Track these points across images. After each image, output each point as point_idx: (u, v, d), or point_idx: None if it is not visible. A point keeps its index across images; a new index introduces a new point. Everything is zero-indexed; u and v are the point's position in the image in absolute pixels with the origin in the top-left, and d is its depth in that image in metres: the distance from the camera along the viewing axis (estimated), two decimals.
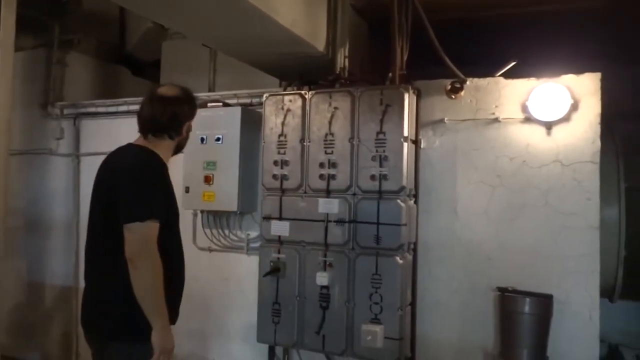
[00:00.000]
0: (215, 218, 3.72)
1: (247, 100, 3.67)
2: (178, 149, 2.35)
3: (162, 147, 2.24)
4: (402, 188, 2.89)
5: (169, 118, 2.22)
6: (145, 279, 2.00)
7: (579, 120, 2.90)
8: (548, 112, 2.91)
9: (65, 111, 4.44)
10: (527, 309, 2.80)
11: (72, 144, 4.41)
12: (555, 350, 2.83)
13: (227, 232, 3.72)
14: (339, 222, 2.99)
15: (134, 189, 2.07)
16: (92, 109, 4.32)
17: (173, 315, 2.22)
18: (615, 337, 4.22)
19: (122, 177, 2.10)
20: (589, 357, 2.86)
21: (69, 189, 4.41)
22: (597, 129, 2.87)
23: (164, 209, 2.10)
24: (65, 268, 4.39)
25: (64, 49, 4.60)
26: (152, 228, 2.02)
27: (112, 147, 2.31)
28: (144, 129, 2.24)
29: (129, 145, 2.28)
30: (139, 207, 2.03)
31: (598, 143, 2.87)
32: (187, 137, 2.34)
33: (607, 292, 3.39)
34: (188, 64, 4.46)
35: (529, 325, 2.80)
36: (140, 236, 2.00)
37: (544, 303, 2.82)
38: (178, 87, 2.29)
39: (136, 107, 2.31)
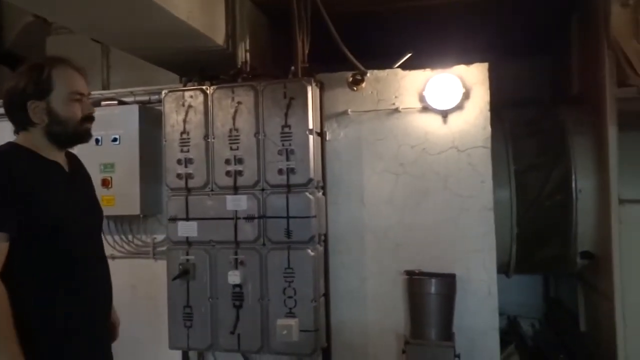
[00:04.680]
0: (117, 223, 3.53)
1: (145, 98, 3.50)
2: (60, 140, 1.88)
3: (33, 139, 1.85)
4: (310, 180, 2.90)
5: (6, 102, 1.85)
6: None
7: (471, 108, 3.07)
8: (443, 101, 3.05)
9: None
10: (433, 289, 2.94)
11: None
12: (460, 326, 2.99)
13: (130, 237, 3.54)
14: (249, 218, 2.94)
15: None
16: None
17: None
18: (513, 310, 4.56)
19: None
20: (489, 329, 3.05)
21: None
22: (487, 115, 3.06)
23: (8, 217, 1.67)
24: None
25: None
26: None
27: None
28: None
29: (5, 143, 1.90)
30: None
31: (489, 129, 3.06)
32: (60, 122, 1.84)
33: (503, 268, 3.65)
34: (77, 61, 4.15)
35: (435, 304, 2.93)
36: None
37: (448, 282, 2.97)
38: (36, 61, 1.90)
39: None
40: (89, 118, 1.94)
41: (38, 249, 1.73)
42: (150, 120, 3.34)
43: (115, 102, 3.36)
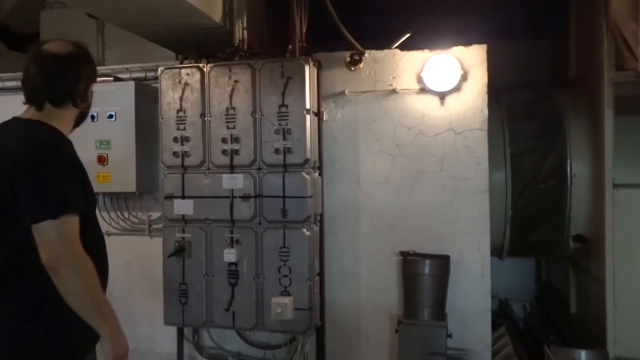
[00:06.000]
0: (113, 200, 3.53)
1: (141, 75, 3.47)
2: (80, 120, 1.97)
3: (63, 119, 1.86)
4: (307, 161, 2.90)
5: (72, 81, 1.83)
6: (75, 286, 1.64)
7: (468, 90, 3.06)
8: (441, 83, 3.04)
9: None
10: (426, 270, 2.97)
11: None
12: (453, 307, 3.03)
13: (126, 214, 3.54)
14: (245, 197, 2.95)
15: (37, 178, 1.65)
16: None
17: (94, 336, 1.81)
18: (504, 292, 4.62)
19: (17, 164, 1.67)
20: (481, 310, 3.09)
21: None
22: (485, 98, 3.05)
23: (81, 197, 1.73)
24: None
25: None
26: (70, 224, 1.64)
27: None
28: (37, 97, 1.82)
29: (16, 120, 1.85)
30: (48, 200, 1.63)
31: (486, 111, 3.06)
32: (90, 104, 1.97)
33: (496, 251, 3.69)
34: (72, 36, 4.04)
35: (429, 285, 2.97)
36: (56, 237, 1.62)
37: (442, 264, 2.99)
38: (70, 42, 1.89)
39: (12, 84, 2.06)
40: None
41: (86, 223, 1.78)
42: (147, 97, 3.31)
43: (111, 78, 3.33)
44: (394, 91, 3.14)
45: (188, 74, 3.04)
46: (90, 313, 1.68)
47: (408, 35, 3.21)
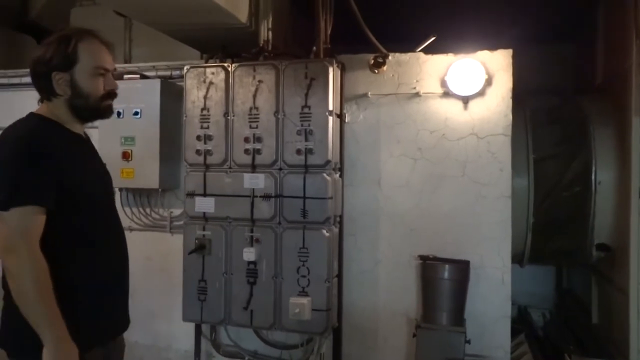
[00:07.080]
0: (135, 196, 3.57)
1: (167, 73, 3.51)
2: (82, 114, 1.86)
3: (55, 110, 1.83)
4: (328, 162, 2.90)
5: (32, 71, 1.82)
6: (20, 282, 1.61)
7: (492, 95, 3.03)
8: (465, 87, 3.02)
9: None
10: (446, 275, 2.94)
11: None
12: (472, 312, 3.00)
13: (148, 210, 3.59)
14: (265, 197, 2.97)
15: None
16: None
17: (102, 331, 1.87)
18: (524, 299, 4.57)
19: None
20: (501, 317, 3.05)
21: None
22: (509, 103, 3.02)
23: (45, 190, 1.67)
24: None
25: None
26: (23, 217, 1.63)
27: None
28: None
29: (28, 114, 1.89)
30: (0, 192, 1.64)
31: (510, 117, 3.02)
32: (81, 95, 1.81)
33: (517, 257, 3.64)
34: (100, 34, 4.17)
35: (448, 290, 2.94)
36: (7, 228, 1.62)
37: (462, 269, 2.97)
38: (67, 30, 1.87)
39: None
40: (111, 94, 1.90)
41: (72, 219, 1.76)
42: (172, 95, 3.36)
43: (137, 75, 3.38)
44: (417, 94, 3.13)
45: (213, 73, 3.07)
46: (34, 316, 1.62)
47: (433, 38, 3.19)
